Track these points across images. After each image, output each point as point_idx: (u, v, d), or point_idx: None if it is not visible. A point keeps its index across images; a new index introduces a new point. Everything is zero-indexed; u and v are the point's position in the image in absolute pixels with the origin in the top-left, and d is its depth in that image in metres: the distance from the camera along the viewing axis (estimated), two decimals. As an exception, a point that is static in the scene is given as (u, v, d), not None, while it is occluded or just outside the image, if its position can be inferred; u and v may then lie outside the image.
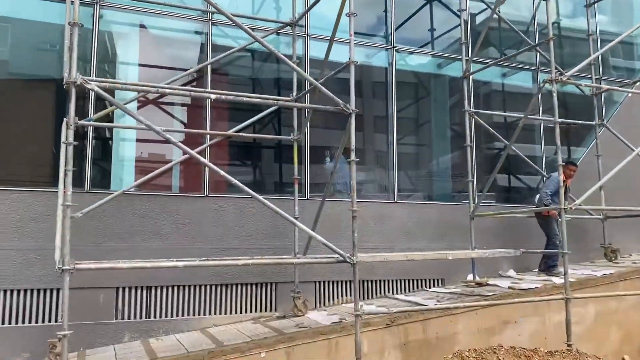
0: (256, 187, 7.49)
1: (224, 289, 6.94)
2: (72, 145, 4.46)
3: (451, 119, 9.42)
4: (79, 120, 5.75)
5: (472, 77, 8.55)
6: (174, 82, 6.76)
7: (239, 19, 5.49)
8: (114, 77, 7.03)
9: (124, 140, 7.12)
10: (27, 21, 6.76)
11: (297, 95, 7.02)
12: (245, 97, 5.45)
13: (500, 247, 7.59)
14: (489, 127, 8.33)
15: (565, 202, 6.55)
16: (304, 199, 7.32)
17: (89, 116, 6.42)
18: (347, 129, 5.42)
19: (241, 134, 6.97)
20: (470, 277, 7.95)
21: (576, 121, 9.59)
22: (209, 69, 7.22)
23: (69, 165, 4.47)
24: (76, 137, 6.15)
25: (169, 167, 6.56)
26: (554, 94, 6.54)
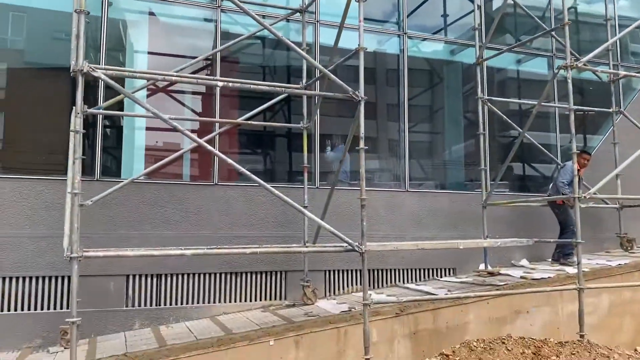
0: (266, 175, 7.49)
1: (234, 277, 6.95)
2: (80, 133, 4.47)
3: (465, 107, 9.28)
4: (89, 108, 5.81)
5: (486, 64, 8.40)
6: (183, 70, 6.73)
7: (248, 5, 5.46)
8: (124, 66, 7.02)
9: (134, 128, 7.12)
10: (42, 10, 6.79)
11: (307, 82, 6.96)
12: (253, 84, 5.38)
13: (513, 237, 7.48)
14: (502, 115, 8.19)
15: (579, 191, 6.43)
16: (313, 188, 7.29)
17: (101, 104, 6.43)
18: (356, 116, 5.35)
19: (250, 122, 6.94)
20: (482, 266, 7.87)
21: (593, 108, 9.40)
22: (218, 56, 7.19)
23: (77, 153, 4.48)
24: (87, 126, 6.22)
25: (178, 155, 6.54)
26: (569, 80, 6.40)
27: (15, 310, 6.04)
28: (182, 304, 6.67)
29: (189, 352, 5.12)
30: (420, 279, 7.98)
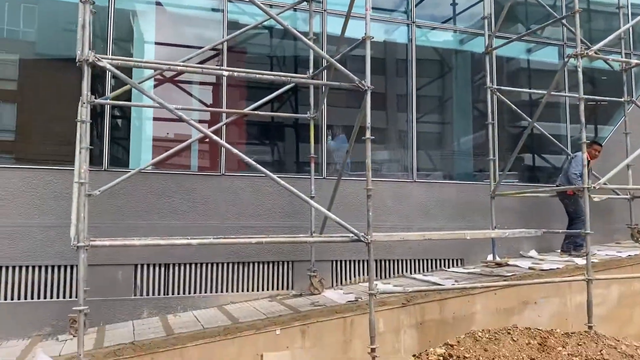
0: (273, 166, 7.49)
1: (241, 267, 6.98)
2: (87, 123, 4.49)
3: (474, 97, 9.19)
4: (97, 99, 5.83)
5: (495, 53, 8.30)
6: (190, 60, 6.72)
7: (254, -6, 5.39)
8: (132, 56, 7.02)
9: (142, 119, 7.15)
10: (54, 1, 6.82)
11: (314, 72, 6.93)
12: (258, 74, 5.36)
13: (522, 227, 7.44)
14: (511, 105, 8.11)
15: (589, 181, 6.36)
16: (321, 178, 7.28)
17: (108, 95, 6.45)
18: (363, 106, 5.32)
19: (257, 112, 6.92)
20: (490, 257, 7.83)
21: (604, 98, 9.27)
22: (225, 46, 7.17)
23: (84, 143, 4.50)
24: (94, 116, 6.25)
25: (185, 145, 6.55)
26: (579, 69, 6.31)
27: (25, 298, 6.12)
28: (189, 294, 6.72)
29: (196, 340, 5.17)
30: (427, 270, 7.96)
